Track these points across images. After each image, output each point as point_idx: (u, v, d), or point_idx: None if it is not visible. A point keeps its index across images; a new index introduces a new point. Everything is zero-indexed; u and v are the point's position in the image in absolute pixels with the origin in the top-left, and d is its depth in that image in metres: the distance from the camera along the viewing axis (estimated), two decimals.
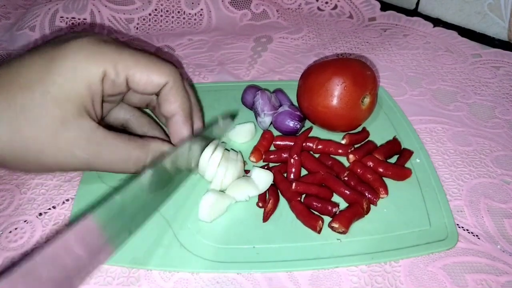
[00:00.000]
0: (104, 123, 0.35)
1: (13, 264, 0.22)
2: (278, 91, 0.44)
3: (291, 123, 0.39)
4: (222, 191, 0.34)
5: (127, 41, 0.57)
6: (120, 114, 0.36)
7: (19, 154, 0.27)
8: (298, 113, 0.40)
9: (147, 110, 0.39)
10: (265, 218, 0.33)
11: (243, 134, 0.40)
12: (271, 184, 0.35)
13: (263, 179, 0.34)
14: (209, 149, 0.34)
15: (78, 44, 0.28)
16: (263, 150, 0.38)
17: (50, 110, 0.27)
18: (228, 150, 0.36)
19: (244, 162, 0.37)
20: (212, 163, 0.34)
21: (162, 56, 0.32)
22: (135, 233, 0.28)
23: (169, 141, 0.34)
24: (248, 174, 0.36)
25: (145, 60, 0.30)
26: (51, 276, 0.22)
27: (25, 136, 0.27)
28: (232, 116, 0.43)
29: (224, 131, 0.39)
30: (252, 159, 0.37)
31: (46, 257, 0.22)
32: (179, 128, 0.33)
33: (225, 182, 0.34)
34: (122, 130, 0.36)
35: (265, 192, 0.34)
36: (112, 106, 0.35)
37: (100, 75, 0.28)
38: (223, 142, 0.39)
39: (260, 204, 0.33)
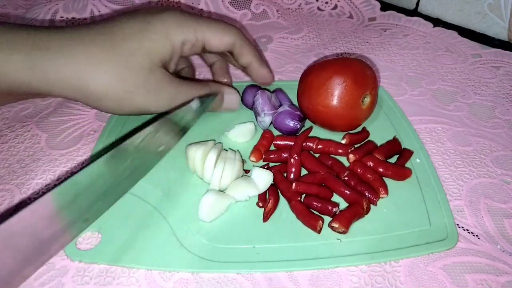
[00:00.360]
0: None
1: None
2: (278, 91, 0.44)
3: (291, 123, 0.39)
4: (222, 191, 0.34)
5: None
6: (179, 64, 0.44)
7: (116, 94, 0.33)
8: (298, 112, 0.40)
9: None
10: (265, 218, 0.33)
11: (243, 134, 0.40)
12: (271, 184, 0.35)
13: (263, 179, 0.34)
14: (204, 151, 0.35)
15: (169, 14, 0.35)
16: (263, 150, 0.38)
17: (143, 58, 0.33)
18: (226, 150, 0.36)
19: (243, 161, 0.37)
20: (208, 164, 0.34)
21: (226, 22, 0.39)
22: (96, 216, 0.28)
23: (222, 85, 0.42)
24: (248, 174, 0.36)
25: (216, 26, 0.38)
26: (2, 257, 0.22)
27: (124, 76, 0.33)
28: (207, 100, 0.41)
29: (197, 115, 0.38)
30: (252, 158, 0.37)
31: None
32: (259, 70, 0.41)
33: (223, 182, 0.34)
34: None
35: (265, 192, 0.34)
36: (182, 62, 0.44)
37: (182, 40, 0.36)
38: (219, 142, 0.39)
39: (260, 204, 0.33)
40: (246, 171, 0.36)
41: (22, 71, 0.30)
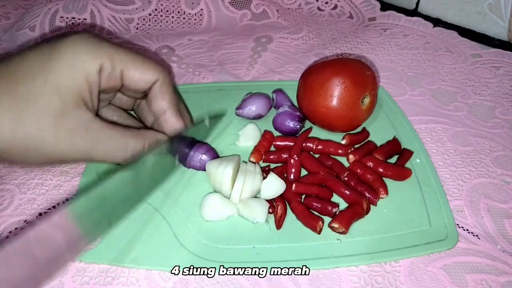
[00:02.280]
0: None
1: None
2: (278, 91, 0.44)
3: (291, 124, 0.39)
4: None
5: (125, 41, 0.57)
6: (108, 115, 0.37)
7: (21, 143, 0.28)
8: (298, 113, 0.40)
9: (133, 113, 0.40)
10: (279, 225, 0.32)
11: (252, 137, 0.39)
12: None
13: (275, 187, 0.33)
14: (222, 164, 0.33)
15: (78, 38, 0.29)
16: (263, 151, 0.38)
17: (50, 99, 0.27)
18: (246, 162, 0.35)
19: (263, 174, 0.35)
20: (226, 178, 0.33)
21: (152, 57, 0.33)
22: (114, 226, 0.28)
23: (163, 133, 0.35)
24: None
25: (139, 58, 0.32)
26: (20, 267, 0.22)
27: (27, 124, 0.27)
28: (219, 116, 0.43)
29: (209, 131, 0.40)
30: (252, 159, 0.37)
31: (16, 248, 0.22)
32: (172, 123, 0.34)
33: (243, 195, 0.33)
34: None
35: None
36: (102, 105, 0.36)
37: (98, 67, 0.29)
38: (237, 155, 0.37)
39: (270, 210, 0.33)
40: (266, 172, 0.35)
41: None
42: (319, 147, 0.38)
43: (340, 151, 0.37)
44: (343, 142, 0.38)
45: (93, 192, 0.26)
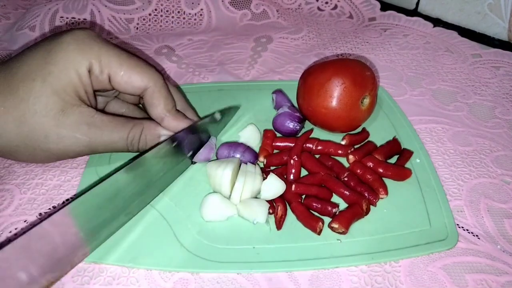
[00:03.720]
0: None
1: None
2: (278, 92, 0.44)
3: (291, 125, 0.39)
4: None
5: (122, 42, 0.57)
6: (116, 107, 0.37)
7: (27, 142, 0.29)
8: (298, 114, 0.40)
9: None
10: (279, 226, 0.32)
11: (253, 138, 0.39)
12: None
13: (275, 188, 0.33)
14: (221, 165, 0.33)
15: (70, 36, 0.30)
16: (270, 149, 0.38)
17: (50, 98, 0.28)
18: (246, 163, 0.35)
19: (262, 175, 0.35)
20: (225, 179, 0.33)
21: (148, 62, 0.33)
22: (116, 230, 0.30)
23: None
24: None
25: (130, 62, 0.31)
26: (21, 268, 0.23)
27: (31, 124, 0.28)
28: (232, 109, 0.43)
29: (221, 126, 0.40)
30: (262, 159, 0.37)
31: (17, 246, 0.22)
32: (173, 126, 0.34)
33: (243, 195, 0.33)
34: None
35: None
36: (108, 99, 0.37)
37: (87, 69, 0.30)
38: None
39: (271, 211, 0.33)
40: (266, 173, 0.35)
41: None
42: (319, 147, 0.38)
43: (340, 152, 0.37)
44: (343, 142, 0.38)
45: (100, 188, 0.27)
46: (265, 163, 0.37)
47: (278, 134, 0.40)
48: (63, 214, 0.25)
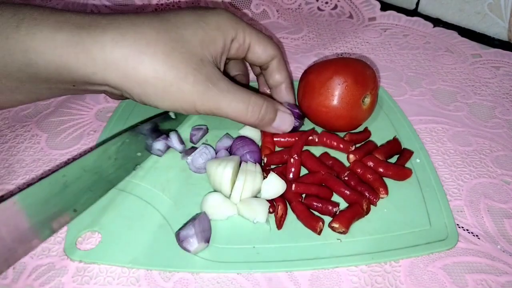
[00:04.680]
0: None
1: None
2: None
3: None
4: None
5: None
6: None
7: (168, 75, 0.30)
8: (297, 110, 0.40)
9: None
10: (279, 225, 0.32)
11: (251, 136, 0.39)
12: None
13: (276, 187, 0.33)
14: (221, 164, 0.33)
15: (222, 11, 0.35)
16: (272, 146, 0.38)
17: (196, 46, 0.32)
18: (246, 162, 0.35)
19: (263, 173, 0.35)
20: (226, 179, 0.33)
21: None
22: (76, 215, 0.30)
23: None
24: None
25: (263, 35, 0.37)
26: None
27: (175, 60, 0.30)
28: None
29: (177, 122, 0.42)
30: (265, 158, 0.37)
31: None
32: (285, 94, 0.40)
33: (244, 194, 0.33)
34: None
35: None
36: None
37: (232, 36, 0.35)
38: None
39: (271, 210, 0.33)
40: (266, 172, 0.35)
41: (64, 50, 0.28)
42: (324, 139, 0.38)
43: (341, 146, 0.38)
44: None
45: (51, 178, 0.28)
46: (265, 161, 0.37)
47: None
48: (10, 203, 0.25)
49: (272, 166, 0.37)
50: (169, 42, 0.30)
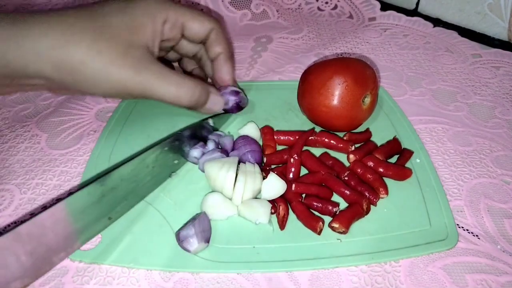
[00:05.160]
0: None
1: None
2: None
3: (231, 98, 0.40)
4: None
5: None
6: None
7: (95, 62, 0.31)
8: (234, 88, 0.41)
9: None
10: (282, 225, 0.32)
11: (250, 135, 0.39)
12: None
13: (276, 188, 0.33)
14: (223, 167, 0.33)
15: None
16: (273, 144, 0.38)
17: (123, 32, 0.32)
18: (244, 163, 0.35)
19: (262, 174, 0.35)
20: (229, 180, 0.33)
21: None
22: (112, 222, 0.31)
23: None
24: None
25: (197, 11, 0.38)
26: (10, 262, 0.24)
27: (101, 47, 0.31)
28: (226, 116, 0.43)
29: (220, 123, 0.42)
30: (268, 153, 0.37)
31: (6, 242, 0.23)
32: (223, 64, 0.40)
33: (245, 196, 0.33)
34: None
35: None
36: (162, 54, 0.42)
37: (163, 19, 0.35)
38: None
39: (272, 211, 0.33)
40: (266, 172, 0.35)
41: None
42: (322, 138, 0.38)
43: (340, 145, 0.38)
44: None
45: (91, 187, 0.28)
46: (265, 161, 0.37)
47: (276, 128, 0.40)
48: (56, 210, 0.26)
49: (272, 166, 0.37)
50: (96, 29, 0.31)
